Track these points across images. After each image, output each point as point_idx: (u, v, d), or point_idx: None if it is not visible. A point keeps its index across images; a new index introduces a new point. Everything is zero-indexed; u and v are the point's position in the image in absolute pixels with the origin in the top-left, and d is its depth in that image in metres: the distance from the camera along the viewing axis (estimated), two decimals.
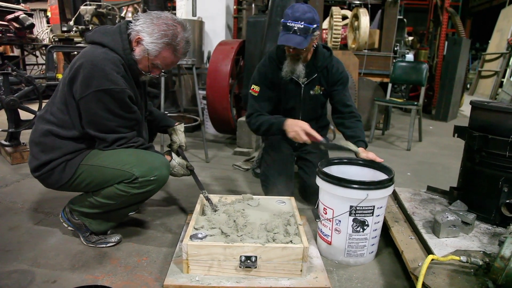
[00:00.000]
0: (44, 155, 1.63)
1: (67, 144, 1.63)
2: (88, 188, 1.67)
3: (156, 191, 1.72)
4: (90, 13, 4.75)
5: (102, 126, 1.60)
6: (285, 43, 2.02)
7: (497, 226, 1.73)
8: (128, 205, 1.73)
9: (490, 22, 8.00)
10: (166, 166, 1.70)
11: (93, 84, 1.51)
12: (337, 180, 1.60)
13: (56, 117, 1.63)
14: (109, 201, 1.64)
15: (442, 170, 3.35)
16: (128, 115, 1.63)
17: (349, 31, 5.32)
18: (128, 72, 1.63)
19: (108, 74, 1.52)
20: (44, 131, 1.63)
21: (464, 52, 5.97)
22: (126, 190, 1.61)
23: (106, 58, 1.54)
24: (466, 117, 6.25)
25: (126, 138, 1.65)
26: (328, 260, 1.72)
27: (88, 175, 1.62)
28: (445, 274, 1.38)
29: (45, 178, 1.67)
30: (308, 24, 1.97)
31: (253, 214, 1.79)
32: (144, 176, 1.59)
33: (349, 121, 2.26)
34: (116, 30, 1.63)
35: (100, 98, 1.53)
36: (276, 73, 2.28)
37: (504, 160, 1.67)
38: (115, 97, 1.55)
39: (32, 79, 2.97)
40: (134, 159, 1.61)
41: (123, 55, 1.60)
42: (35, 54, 7.43)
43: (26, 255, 1.67)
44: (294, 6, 2.02)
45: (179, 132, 2.07)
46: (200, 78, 4.64)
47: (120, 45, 1.60)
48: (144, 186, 1.62)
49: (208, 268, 1.49)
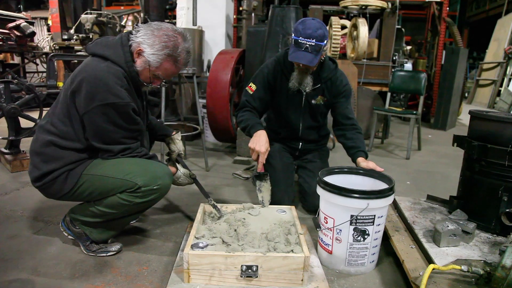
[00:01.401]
0: (46, 165, 1.62)
1: (69, 154, 1.64)
2: (90, 198, 1.67)
3: (159, 200, 1.73)
4: (90, 22, 4.79)
5: (107, 138, 1.61)
6: (297, 60, 2.04)
7: (498, 235, 1.73)
8: (130, 214, 1.73)
9: (487, 31, 8.08)
10: (169, 175, 1.71)
11: (97, 98, 1.52)
12: (337, 189, 1.60)
13: (57, 128, 1.64)
14: (112, 210, 1.64)
15: (441, 179, 3.36)
16: (132, 126, 1.65)
17: (348, 41, 5.37)
18: (131, 84, 1.65)
19: (111, 88, 1.53)
20: (45, 142, 1.63)
21: (462, 61, 6.02)
22: (129, 200, 1.61)
23: (109, 72, 1.55)
24: (464, 126, 6.28)
25: (131, 149, 1.67)
26: (329, 270, 1.72)
27: (90, 184, 1.63)
28: (446, 283, 1.38)
29: (46, 188, 1.67)
30: (319, 42, 1.99)
31: (254, 223, 1.79)
32: (147, 185, 1.60)
33: (350, 133, 2.27)
34: (118, 42, 1.64)
35: (105, 112, 1.54)
36: (279, 78, 2.30)
37: (503, 169, 1.68)
38: (119, 110, 1.56)
39: (33, 87, 2.98)
40: (137, 169, 1.61)
41: (126, 68, 1.61)
42: (35, 62, 7.46)
43: (26, 264, 1.67)
44: (305, 22, 2.02)
45: (177, 141, 2.07)
46: (200, 87, 4.66)
47: (123, 58, 1.61)
48: (147, 195, 1.62)
49: (209, 277, 1.49)
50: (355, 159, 2.10)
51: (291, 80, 2.23)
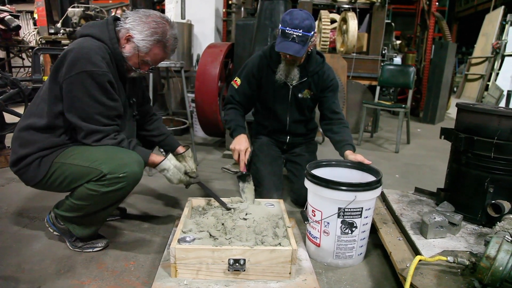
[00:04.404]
0: (21, 149, 1.62)
1: (43, 138, 1.61)
2: (62, 187, 1.63)
3: (129, 190, 1.67)
4: (78, 15, 4.70)
5: (81, 112, 1.56)
6: (284, 50, 2.03)
7: (484, 226, 1.75)
8: (105, 207, 1.67)
9: (475, 26, 8.14)
10: (138, 163, 1.62)
11: (77, 66, 1.52)
12: (325, 182, 1.60)
13: (38, 107, 1.64)
14: (83, 202, 1.60)
15: (429, 171, 3.38)
16: (108, 102, 1.60)
17: (338, 35, 5.37)
18: (113, 61, 1.65)
19: (91, 57, 1.54)
20: (24, 126, 1.64)
21: (451, 55, 6.06)
22: (95, 189, 1.56)
23: (92, 44, 1.58)
24: (453, 120, 6.33)
25: (102, 133, 1.60)
26: (317, 262, 1.72)
27: (61, 173, 1.60)
28: (432, 274, 1.39)
29: (22, 174, 1.65)
30: (307, 32, 1.99)
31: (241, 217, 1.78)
32: (113, 173, 1.54)
33: (337, 127, 2.27)
34: (104, 22, 1.69)
35: (82, 81, 1.53)
36: (265, 71, 2.29)
37: (489, 161, 1.69)
38: (96, 80, 1.54)
39: (18, 81, 2.92)
40: (103, 156, 1.56)
41: (110, 44, 1.63)
42: (21, 57, 7.32)
43: (9, 261, 1.64)
44: (293, 13, 2.02)
45: (188, 158, 2.06)
46: (189, 81, 4.63)
47: (107, 35, 1.63)
48: (113, 183, 1.56)
49: (196, 271, 1.48)
50: (343, 152, 2.10)
51: (278, 72, 2.22)
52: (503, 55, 6.44)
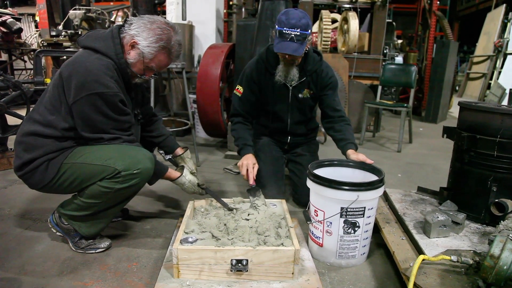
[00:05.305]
0: (27, 154, 1.62)
1: (49, 143, 1.62)
2: (72, 188, 1.64)
3: (141, 186, 1.71)
4: (79, 18, 4.71)
5: (96, 129, 1.61)
6: (283, 51, 2.02)
7: (487, 225, 1.74)
8: (115, 204, 1.70)
9: (477, 25, 8.12)
10: (150, 159, 1.67)
11: (86, 88, 1.52)
12: (327, 182, 1.59)
13: (43, 116, 1.63)
14: (95, 200, 1.62)
15: (432, 171, 3.37)
16: (121, 117, 1.64)
17: (339, 34, 5.36)
18: (120, 76, 1.65)
19: (100, 78, 1.54)
20: (28, 131, 1.64)
21: (452, 54, 6.05)
22: (110, 186, 1.58)
23: (99, 63, 1.57)
24: (455, 119, 6.31)
25: (121, 139, 1.66)
26: (319, 262, 1.72)
27: (71, 173, 1.61)
28: (436, 274, 1.38)
29: (28, 178, 1.65)
30: (304, 31, 1.99)
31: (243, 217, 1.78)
32: (127, 169, 1.58)
33: (338, 125, 2.26)
34: (109, 35, 1.65)
35: (93, 102, 1.54)
36: (263, 75, 2.29)
37: (492, 159, 1.69)
38: (108, 100, 1.56)
39: (20, 83, 2.93)
40: (116, 154, 1.59)
41: (116, 60, 1.62)
42: (23, 59, 7.35)
43: (12, 262, 1.64)
44: (289, 13, 2.02)
45: (187, 159, 2.09)
46: (191, 82, 4.63)
47: (113, 50, 1.62)
48: (127, 180, 1.60)
49: (199, 272, 1.48)
50: (345, 151, 2.09)
51: (277, 74, 2.21)
52: (505, 53, 6.42)
